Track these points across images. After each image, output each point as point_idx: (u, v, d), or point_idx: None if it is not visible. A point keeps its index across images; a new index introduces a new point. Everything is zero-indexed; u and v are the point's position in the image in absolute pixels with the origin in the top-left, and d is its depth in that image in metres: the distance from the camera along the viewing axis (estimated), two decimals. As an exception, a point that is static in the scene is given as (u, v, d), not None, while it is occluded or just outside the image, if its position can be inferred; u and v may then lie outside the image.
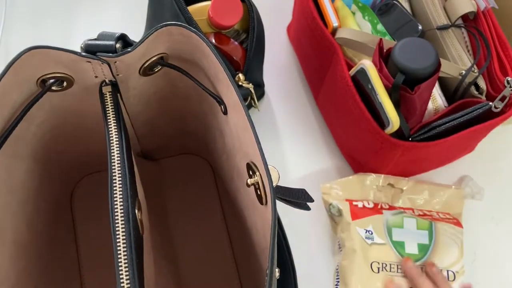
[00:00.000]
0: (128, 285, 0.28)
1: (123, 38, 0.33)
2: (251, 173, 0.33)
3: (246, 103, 0.51)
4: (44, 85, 0.34)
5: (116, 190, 0.30)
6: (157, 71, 0.37)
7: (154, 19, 0.54)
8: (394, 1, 0.52)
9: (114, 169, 0.31)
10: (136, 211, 0.31)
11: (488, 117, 0.47)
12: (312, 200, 0.36)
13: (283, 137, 0.59)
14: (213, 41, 0.49)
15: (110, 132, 0.33)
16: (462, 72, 0.48)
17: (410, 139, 0.47)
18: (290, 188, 0.35)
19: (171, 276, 0.48)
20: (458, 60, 0.49)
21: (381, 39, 0.45)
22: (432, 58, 0.42)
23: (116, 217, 0.29)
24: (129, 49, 0.33)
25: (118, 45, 0.33)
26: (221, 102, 0.36)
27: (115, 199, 0.30)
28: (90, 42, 0.33)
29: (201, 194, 0.52)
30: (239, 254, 0.50)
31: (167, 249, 0.49)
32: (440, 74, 0.46)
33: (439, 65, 0.43)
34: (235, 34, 0.52)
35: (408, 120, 0.46)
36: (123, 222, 0.29)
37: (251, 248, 0.40)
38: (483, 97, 0.49)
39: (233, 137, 0.36)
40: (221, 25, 0.48)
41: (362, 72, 0.45)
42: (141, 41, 0.33)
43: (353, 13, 0.52)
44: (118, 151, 0.32)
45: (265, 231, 0.33)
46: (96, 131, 0.42)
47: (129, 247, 0.29)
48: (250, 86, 0.49)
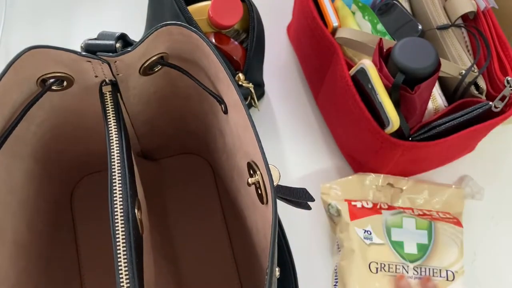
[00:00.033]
0: (128, 285, 0.28)
1: (123, 38, 0.34)
2: (251, 172, 0.33)
3: (246, 103, 0.51)
4: (44, 85, 0.34)
5: (116, 190, 0.30)
6: (157, 71, 0.37)
7: (154, 19, 0.54)
8: (394, 1, 0.52)
9: (114, 169, 0.31)
10: (136, 211, 0.31)
11: (488, 116, 0.47)
12: (313, 200, 0.36)
13: (283, 137, 0.59)
14: (213, 40, 0.49)
15: (110, 132, 0.33)
16: (462, 72, 0.48)
17: (410, 138, 0.47)
18: (291, 188, 0.35)
19: (171, 276, 0.48)
20: (458, 60, 0.49)
21: (381, 39, 0.45)
22: (432, 57, 0.42)
23: (116, 217, 0.29)
24: (129, 49, 0.33)
25: (118, 45, 0.33)
26: (221, 101, 0.36)
27: (115, 199, 0.30)
28: (90, 41, 0.33)
29: (201, 194, 0.52)
30: (239, 254, 0.50)
31: (167, 249, 0.49)
32: (440, 74, 0.46)
33: (439, 65, 0.43)
34: (235, 34, 0.52)
35: (408, 119, 0.46)
36: (123, 221, 0.29)
37: (251, 248, 0.40)
38: (483, 97, 0.49)
39: (233, 136, 0.36)
40: (221, 25, 0.48)
41: (362, 71, 0.45)
42: (141, 40, 0.33)
43: (353, 13, 0.52)
44: (118, 151, 0.32)
45: (266, 231, 0.33)
46: (96, 131, 0.42)
47: (129, 247, 0.29)
48: (250, 86, 0.49)
